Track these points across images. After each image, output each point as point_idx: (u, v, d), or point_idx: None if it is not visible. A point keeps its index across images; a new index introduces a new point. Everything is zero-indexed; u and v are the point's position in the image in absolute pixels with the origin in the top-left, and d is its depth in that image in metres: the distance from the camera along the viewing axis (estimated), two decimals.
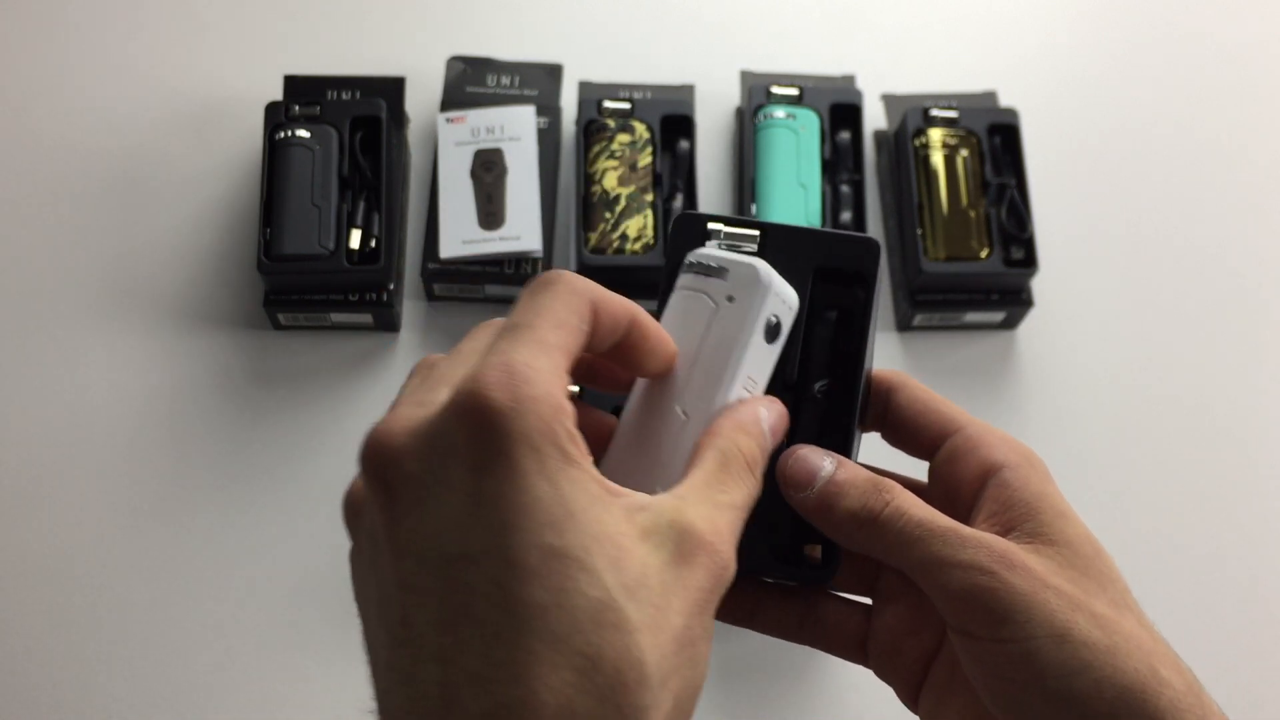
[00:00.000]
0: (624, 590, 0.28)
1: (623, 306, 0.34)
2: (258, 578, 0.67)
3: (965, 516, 0.37)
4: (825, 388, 0.39)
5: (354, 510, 0.32)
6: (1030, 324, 0.75)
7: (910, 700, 0.39)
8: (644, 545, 0.29)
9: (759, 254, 0.39)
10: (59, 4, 0.83)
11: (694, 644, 0.29)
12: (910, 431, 0.40)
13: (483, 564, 0.27)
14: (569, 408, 0.29)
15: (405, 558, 0.29)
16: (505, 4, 0.85)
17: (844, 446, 0.39)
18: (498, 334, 0.31)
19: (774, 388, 0.38)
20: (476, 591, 0.27)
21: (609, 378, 0.37)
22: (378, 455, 0.29)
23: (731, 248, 0.39)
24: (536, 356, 0.29)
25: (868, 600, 0.40)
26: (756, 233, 0.39)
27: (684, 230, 0.40)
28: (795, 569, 0.39)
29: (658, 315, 0.38)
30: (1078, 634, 0.33)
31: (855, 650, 0.40)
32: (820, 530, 0.37)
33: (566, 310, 0.31)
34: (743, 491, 0.33)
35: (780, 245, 0.39)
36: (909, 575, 0.36)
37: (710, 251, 0.38)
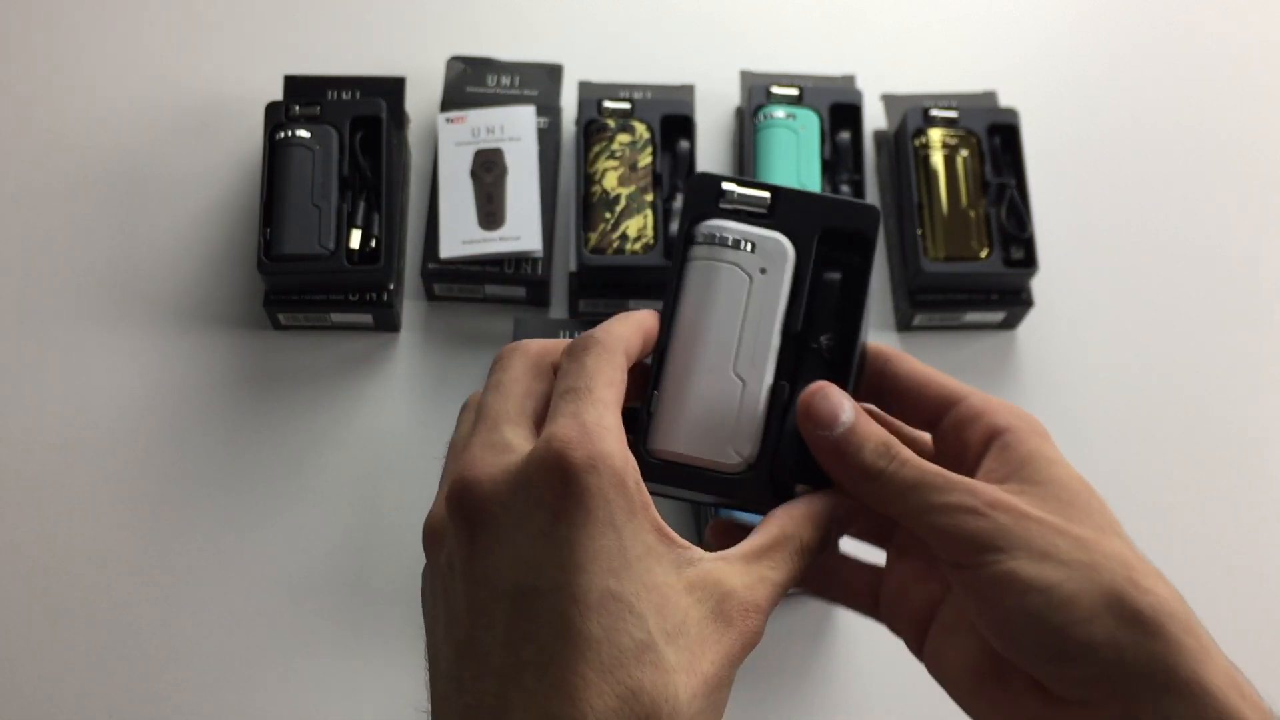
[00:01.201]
0: (664, 635, 0.32)
1: (643, 337, 0.39)
2: (258, 577, 0.67)
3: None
4: (829, 341, 0.42)
5: (434, 537, 0.36)
6: (1030, 324, 0.75)
7: (917, 647, 0.41)
8: (688, 597, 0.34)
9: (768, 214, 0.42)
10: (60, 4, 0.83)
11: (720, 690, 0.34)
12: (911, 402, 0.42)
13: (549, 597, 0.32)
14: (634, 463, 0.34)
15: (480, 586, 0.33)
16: (505, 4, 0.85)
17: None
18: (559, 395, 0.36)
19: (782, 338, 0.41)
20: (541, 620, 0.32)
21: None
22: (466, 497, 0.34)
23: (743, 205, 0.42)
24: (604, 416, 0.34)
25: (881, 563, 0.43)
26: (767, 195, 0.42)
27: (699, 189, 0.43)
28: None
29: (676, 275, 0.42)
30: (1058, 554, 0.35)
31: (868, 601, 0.43)
32: (824, 469, 0.39)
33: (613, 369, 0.36)
34: (788, 572, 0.37)
35: (788, 207, 0.42)
36: (903, 522, 0.38)
37: (730, 225, 0.41)
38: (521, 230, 0.72)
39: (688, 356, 0.41)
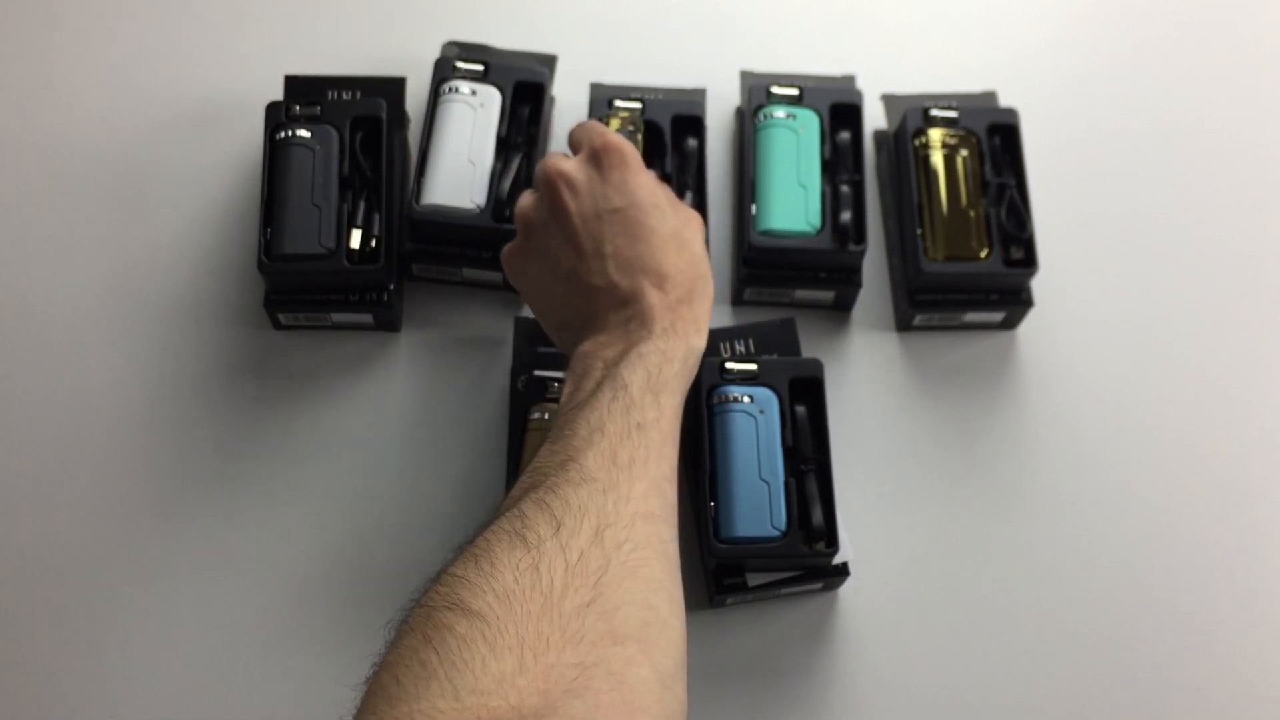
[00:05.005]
0: (678, 225, 0.61)
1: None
2: (258, 576, 0.67)
3: None
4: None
5: (531, 216, 0.62)
6: (1030, 324, 0.75)
7: None
8: (667, 199, 0.63)
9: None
10: (59, 5, 0.83)
11: (704, 259, 0.62)
12: None
13: (630, 211, 0.60)
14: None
15: (592, 210, 0.60)
16: (505, 4, 0.85)
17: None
18: (583, 134, 0.63)
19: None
20: (631, 222, 0.59)
21: None
22: (559, 174, 0.61)
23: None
24: (612, 131, 0.64)
25: None
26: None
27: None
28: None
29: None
30: None
31: None
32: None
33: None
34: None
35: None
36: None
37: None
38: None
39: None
